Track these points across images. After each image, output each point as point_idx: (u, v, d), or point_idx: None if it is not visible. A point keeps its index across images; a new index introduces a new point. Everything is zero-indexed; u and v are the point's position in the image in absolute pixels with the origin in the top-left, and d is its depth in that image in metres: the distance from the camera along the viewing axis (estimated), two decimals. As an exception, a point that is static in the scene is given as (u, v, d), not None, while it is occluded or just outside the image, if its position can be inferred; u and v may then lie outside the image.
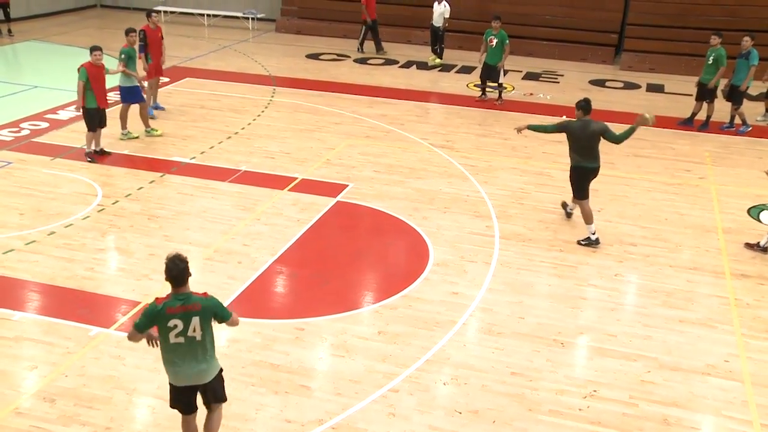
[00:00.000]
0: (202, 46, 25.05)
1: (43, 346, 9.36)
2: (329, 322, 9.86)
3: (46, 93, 19.39)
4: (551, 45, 24.03)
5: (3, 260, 11.35)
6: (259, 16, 28.36)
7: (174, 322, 6.68)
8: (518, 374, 8.88)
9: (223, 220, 12.66)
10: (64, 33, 26.41)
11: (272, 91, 20.02)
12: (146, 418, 8.18)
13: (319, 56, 23.99)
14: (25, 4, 27.61)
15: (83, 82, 14.64)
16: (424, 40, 25.13)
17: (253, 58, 23.65)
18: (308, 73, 21.90)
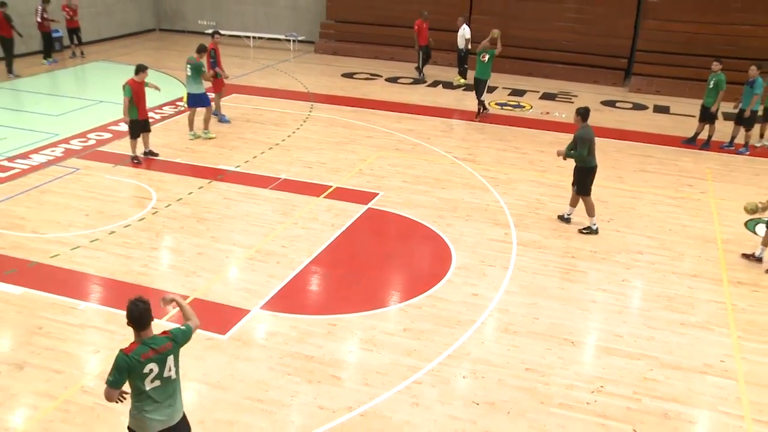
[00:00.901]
0: (247, 66, 25.19)
1: (104, 333, 9.50)
2: (359, 318, 9.89)
3: (110, 107, 19.54)
4: (566, 68, 23.93)
5: (71, 256, 11.51)
6: (299, 38, 28.47)
7: (150, 367, 6.00)
8: (532, 370, 8.87)
9: (264, 224, 12.73)
10: (127, 54, 26.66)
11: (310, 106, 20.08)
12: (193, 400, 8.23)
13: (353, 75, 24.05)
14: (96, 30, 27.92)
15: (128, 97, 14.94)
16: (449, 62, 25.13)
17: (294, 77, 23.74)
18: (343, 91, 21.95)
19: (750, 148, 17.04)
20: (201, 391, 8.39)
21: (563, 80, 23.67)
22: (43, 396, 8.32)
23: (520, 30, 24.46)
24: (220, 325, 9.64)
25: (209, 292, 10.49)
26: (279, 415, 8.00)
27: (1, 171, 14.90)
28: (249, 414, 8.02)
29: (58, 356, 9.00)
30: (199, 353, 9.04)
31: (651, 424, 8.00)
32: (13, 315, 9.91)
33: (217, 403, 8.22)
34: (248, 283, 10.76)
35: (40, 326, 9.64)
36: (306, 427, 7.82)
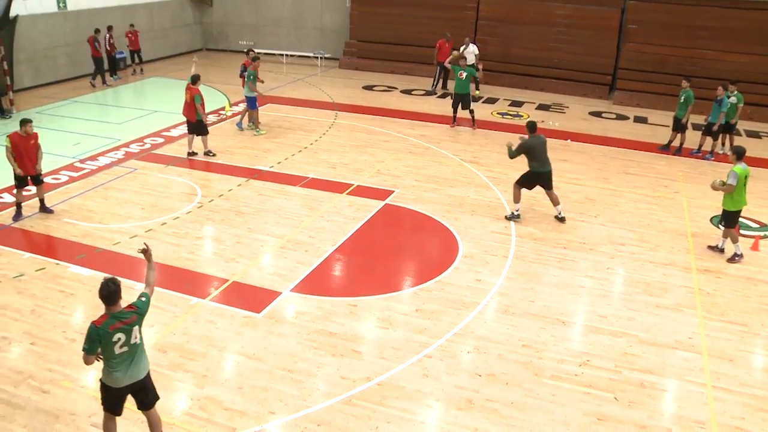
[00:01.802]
0: (280, 79, 25.14)
1: (157, 310, 9.49)
2: (377, 300, 9.86)
3: (163, 116, 19.60)
4: (559, 82, 23.74)
5: (129, 243, 11.54)
6: (326, 55, 28.39)
7: (117, 336, 6.24)
8: (527, 346, 8.83)
9: (293, 217, 12.70)
10: (178, 70, 26.68)
11: (335, 115, 20.02)
12: (233, 370, 8.27)
13: (372, 88, 23.95)
14: (153, 50, 27.99)
15: (199, 104, 15.47)
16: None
17: (321, 89, 23.67)
18: (364, 101, 21.85)
19: (715, 154, 16.91)
20: (239, 361, 8.41)
21: (556, 93, 23.48)
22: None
23: (518, 49, 24.39)
24: (255, 305, 9.66)
25: (246, 276, 10.49)
26: (306, 384, 8.01)
27: (75, 171, 14.98)
28: (281, 382, 8.03)
29: (119, 329, 9.04)
30: (238, 329, 9.07)
31: (630, 393, 7.99)
32: (84, 293, 9.98)
33: (253, 372, 8.23)
34: (280, 269, 10.74)
35: (105, 303, 9.67)
36: (330, 395, 7.83)
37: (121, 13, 26.18)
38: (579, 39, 24.04)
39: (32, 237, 11.91)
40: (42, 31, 23.12)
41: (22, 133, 12.09)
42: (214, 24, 31.25)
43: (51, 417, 7.44)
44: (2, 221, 12.39)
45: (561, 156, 16.45)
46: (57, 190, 13.82)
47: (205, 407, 7.61)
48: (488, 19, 25.36)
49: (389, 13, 26.75)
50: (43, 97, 21.92)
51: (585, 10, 24.00)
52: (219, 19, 31.06)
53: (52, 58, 23.74)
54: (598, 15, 23.89)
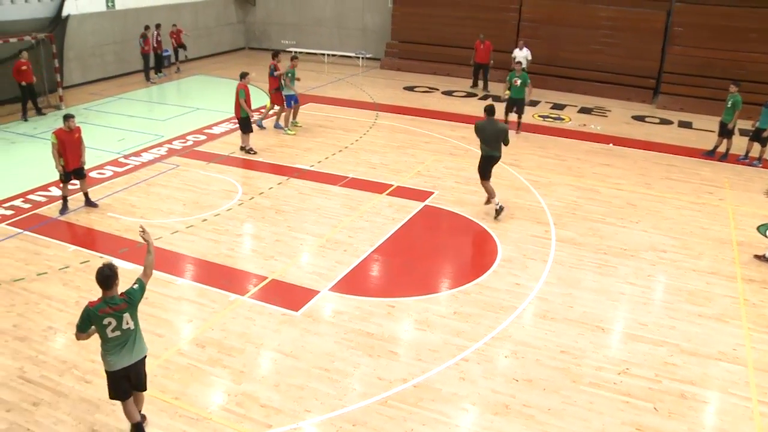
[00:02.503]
0: (322, 79, 25.22)
1: (196, 305, 9.64)
2: (414, 302, 9.82)
3: (205, 113, 19.83)
4: (601, 86, 23.39)
5: (170, 239, 11.69)
6: (367, 56, 28.41)
7: (108, 320, 6.48)
8: (566, 352, 8.71)
9: (333, 216, 12.72)
10: (220, 69, 26.98)
11: (375, 115, 20.01)
12: (269, 367, 8.31)
13: (413, 88, 23.88)
14: (197, 49, 28.33)
15: (243, 99, 15.66)
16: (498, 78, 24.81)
17: (362, 89, 23.70)
18: (405, 102, 21.80)
19: (763, 161, 16.47)
20: (277, 359, 8.44)
21: (598, 96, 23.14)
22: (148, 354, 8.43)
23: (560, 52, 24.10)
24: (294, 303, 9.69)
25: (285, 274, 10.53)
26: (343, 383, 8.00)
27: (119, 166, 15.23)
28: (317, 381, 8.04)
29: (160, 323, 9.18)
30: (276, 326, 9.11)
31: (670, 403, 7.81)
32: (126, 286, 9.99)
33: (290, 369, 8.26)
34: (319, 268, 10.76)
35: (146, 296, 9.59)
36: (366, 395, 7.81)
37: (167, 12, 26.54)
38: (623, 42, 23.67)
39: (77, 230, 12.14)
40: (91, 30, 23.61)
41: (65, 128, 12.31)
42: (257, 23, 31.52)
43: (92, 406, 7.56)
44: (50, 214, 12.65)
45: (603, 160, 16.23)
46: (101, 185, 14.05)
47: (241, 403, 7.65)
48: (531, 21, 25.14)
49: (431, 14, 26.67)
50: (90, 93, 22.35)
51: (630, 12, 23.62)
52: (262, 18, 31.32)
53: (100, 55, 24.20)
54: (643, 17, 23.49)
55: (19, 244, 11.50)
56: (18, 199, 13.31)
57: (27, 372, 8.18)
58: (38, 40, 20.04)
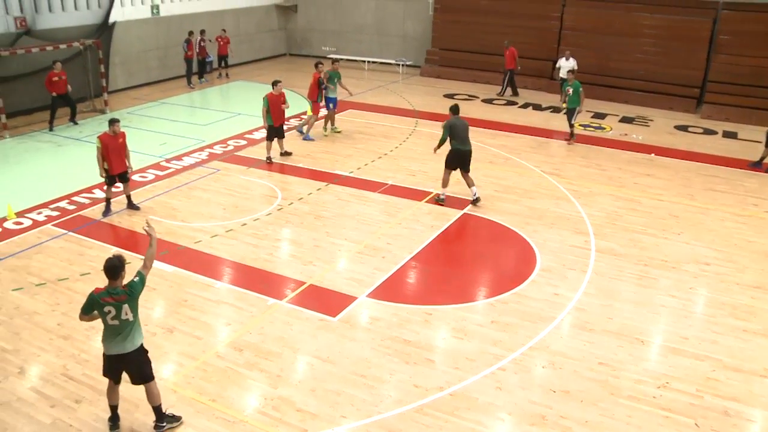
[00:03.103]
0: (362, 86, 25.32)
1: (235, 309, 9.74)
2: (452, 310, 9.79)
3: (246, 119, 20.05)
4: (643, 95, 23.11)
5: (210, 242, 11.84)
6: (408, 63, 28.48)
7: (108, 308, 6.80)
8: (604, 364, 8.58)
9: (372, 223, 12.75)
10: (262, 74, 27.28)
11: (415, 122, 20.01)
12: (306, 372, 8.34)
13: (453, 96, 23.82)
14: (238, 54, 28.70)
15: (265, 108, 15.62)
16: (538, 86, 24.73)
17: (402, 96, 23.74)
18: (444, 109, 21.34)
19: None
20: (314, 364, 8.48)
21: (640, 106, 22.84)
22: (187, 356, 8.61)
23: (602, 60, 23.85)
24: (331, 309, 9.72)
25: (323, 280, 10.59)
26: (379, 390, 8.00)
27: (161, 170, 15.49)
28: (353, 387, 8.06)
29: (199, 325, 9.30)
30: (313, 332, 9.15)
31: (712, 420, 7.63)
32: (166, 288, 10.28)
33: (326, 375, 8.29)
34: (357, 274, 10.79)
35: (185, 299, 9.97)
36: (401, 402, 7.80)
37: (210, 19, 26.96)
38: (666, 50, 23.35)
39: (119, 232, 12.37)
40: (136, 36, 24.12)
41: (110, 132, 12.55)
42: (298, 30, 31.83)
43: (132, 405, 7.67)
44: (93, 216, 12.91)
45: (644, 170, 16.01)
46: (143, 188, 14.31)
47: (278, 407, 7.70)
48: (572, 30, 24.96)
49: (472, 21, 26.66)
50: (134, 98, 22.80)
51: (674, 20, 23.30)
52: (303, 25, 31.62)
53: (144, 61, 24.69)
54: (688, 26, 23.16)
55: (64, 245, 11.76)
56: (64, 200, 13.61)
57: (70, 370, 8.36)
58: (86, 47, 20.51)
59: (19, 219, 12.74)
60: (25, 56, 18.95)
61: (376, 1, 29.35)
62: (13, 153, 16.99)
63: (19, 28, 19.90)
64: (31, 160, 16.39)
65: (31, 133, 18.43)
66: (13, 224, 12.54)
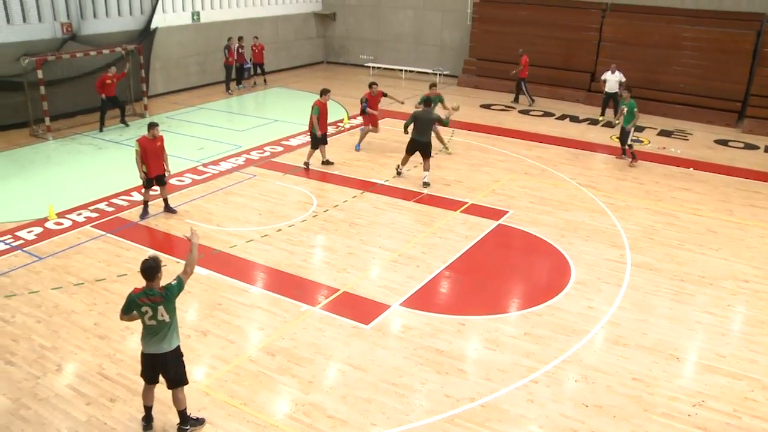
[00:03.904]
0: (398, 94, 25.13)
1: (268, 313, 9.83)
2: (485, 320, 9.75)
3: (282, 125, 20.24)
4: (683, 108, 22.78)
5: (245, 247, 11.97)
6: (445, 72, 28.49)
7: (145, 309, 6.97)
8: (638, 380, 8.48)
9: (406, 231, 12.77)
10: (299, 82, 27.54)
11: (451, 132, 20.00)
12: (338, 379, 8.38)
13: (490, 106, 23.78)
14: (276, 61, 29.05)
15: (315, 116, 15.66)
16: (576, 98, 24.55)
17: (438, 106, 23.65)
18: (481, 120, 21.72)
19: None
20: (345, 371, 8.51)
21: (679, 119, 22.54)
22: (219, 359, 8.71)
23: (641, 72, 23.53)
24: (364, 316, 9.76)
25: (357, 287, 10.62)
26: (410, 399, 8.01)
27: (198, 174, 15.71)
28: (384, 395, 8.07)
29: (232, 329, 9.40)
30: (345, 339, 9.19)
31: (751, 442, 7.50)
32: (200, 292, 10.41)
33: (358, 382, 8.31)
34: (390, 282, 10.81)
35: (219, 303, 10.09)
36: (432, 412, 7.79)
37: (249, 26, 27.28)
38: (708, 63, 23.00)
39: (156, 234, 12.56)
40: (176, 42, 24.53)
41: (149, 136, 12.76)
42: (336, 38, 32.04)
43: (165, 407, 7.76)
44: (131, 218, 13.13)
45: (682, 185, 15.79)
46: (180, 192, 14.51)
47: (308, 413, 7.74)
48: (611, 41, 24.73)
49: (510, 32, 26.57)
50: (173, 102, 23.16)
51: (716, 32, 22.93)
52: (341, 33, 31.83)
53: (184, 66, 25.09)
54: (730, 38, 22.78)
55: (102, 246, 11.98)
56: (102, 202, 13.87)
57: (105, 369, 8.51)
58: (128, 51, 20.90)
59: (60, 219, 13.02)
60: (69, 61, 19.38)
61: (414, 10, 29.44)
62: (55, 155, 17.37)
63: (65, 33, 20.41)
64: (73, 162, 16.73)
65: (73, 136, 18.83)
66: (54, 224, 12.82)
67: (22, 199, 14.24)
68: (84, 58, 19.65)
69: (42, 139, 18.61)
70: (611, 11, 25.09)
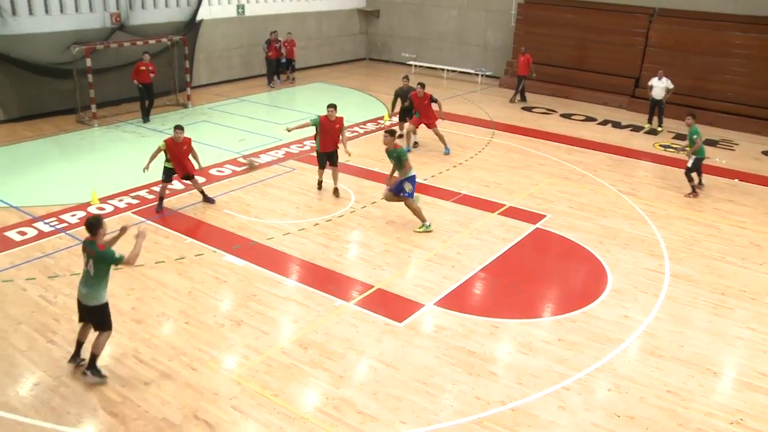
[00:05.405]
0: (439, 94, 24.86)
1: (302, 307, 9.90)
2: (519, 324, 9.69)
3: (323, 120, 20.29)
4: (729, 117, 22.25)
5: (282, 240, 12.07)
6: (487, 73, 28.34)
7: (84, 255, 7.90)
8: (673, 393, 8.34)
9: (443, 231, 12.74)
10: (341, 77, 27.65)
11: (492, 133, 19.90)
12: (369, 376, 8.40)
13: (531, 109, 23.60)
14: (319, 57, 29.28)
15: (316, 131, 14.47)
16: (619, 104, 24.24)
17: (479, 106, 23.62)
18: (522, 122, 21.57)
19: None
20: (376, 367, 8.54)
21: (725, 128, 22.06)
22: (252, 350, 8.81)
23: (686, 80, 23.03)
24: (398, 314, 9.77)
25: (391, 285, 10.64)
26: (440, 399, 8.00)
27: (238, 166, 15.89)
28: (415, 393, 8.07)
29: (266, 320, 9.49)
30: (378, 335, 9.21)
31: (790, 462, 7.33)
32: (236, 282, 10.53)
33: (389, 379, 8.32)
34: (425, 281, 10.80)
35: (254, 294, 10.19)
36: (462, 413, 7.77)
37: (293, 20, 27.50)
38: (758, 71, 22.44)
39: (194, 224, 12.72)
40: (220, 34, 24.83)
41: (175, 138, 12.90)
42: (379, 35, 32.09)
43: (197, 393, 7.90)
44: (171, 206, 13.32)
45: (726, 196, 15.48)
46: (220, 182, 14.69)
47: (338, 407, 7.78)
48: (657, 47, 24.32)
49: (554, 34, 26.34)
50: (215, 94, 23.43)
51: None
52: (384, 30, 31.86)
53: (227, 58, 25.38)
54: (782, 47, 22.28)
55: (141, 233, 12.17)
56: (144, 189, 14.09)
57: (141, 353, 8.66)
58: (173, 42, 21.21)
59: (102, 204, 13.28)
60: (116, 50, 19.74)
61: (458, 10, 29.33)
62: (99, 141, 17.71)
63: (113, 23, 20.80)
64: (116, 149, 17.04)
65: (117, 124, 19.17)
66: (96, 209, 13.07)
67: (67, 184, 14.57)
68: (130, 48, 19.99)
69: (88, 126, 19.01)
70: (659, 16, 24.73)
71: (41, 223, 12.43)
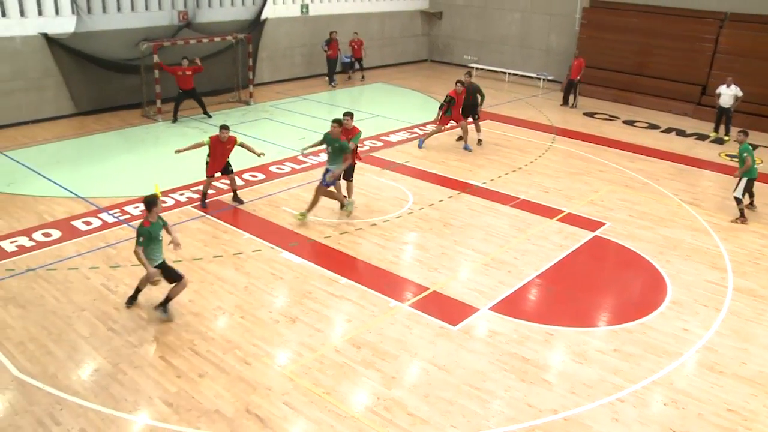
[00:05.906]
0: (500, 97, 25.12)
1: (356, 306, 9.94)
2: (574, 333, 9.55)
3: (383, 121, 20.38)
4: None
5: (339, 239, 12.16)
6: (549, 77, 27.98)
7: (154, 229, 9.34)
8: (734, 411, 8.08)
9: (500, 236, 12.64)
10: (402, 78, 27.69)
11: (552, 138, 19.66)
12: (421, 378, 8.39)
13: (593, 115, 23.19)
14: (381, 57, 29.39)
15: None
16: (683, 111, 23.63)
17: (540, 111, 23.35)
18: (583, 128, 21.22)
19: None
20: (429, 370, 8.53)
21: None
22: (306, 347, 8.90)
23: (758, 87, 22.21)
24: (452, 317, 9.73)
25: (446, 288, 10.61)
26: (492, 405, 7.94)
27: (297, 163, 16.06)
28: (466, 398, 8.04)
29: (320, 318, 9.57)
30: (432, 338, 9.20)
31: None
32: (292, 278, 10.66)
33: (441, 383, 8.30)
34: (480, 285, 10.74)
35: (310, 291, 10.29)
36: (513, 420, 7.70)
37: (356, 20, 27.66)
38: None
39: (253, 220, 12.91)
40: (284, 33, 25.16)
41: (220, 137, 13.07)
42: (441, 36, 32.02)
43: (249, 387, 8.02)
44: (230, 201, 13.55)
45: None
46: (279, 179, 14.89)
47: (389, 408, 7.79)
48: (727, 53, 23.60)
49: (619, 39, 25.83)
50: (277, 92, 23.75)
51: None
52: (446, 32, 31.78)
53: (290, 57, 25.70)
54: None
55: (200, 227, 12.43)
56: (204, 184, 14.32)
57: (197, 345, 8.84)
58: (238, 40, 21.60)
59: (164, 198, 13.57)
60: (182, 47, 20.16)
61: (521, 13, 29.06)
62: (163, 136, 18.15)
63: (181, 20, 21.29)
64: (177, 143, 17.25)
65: (181, 119, 19.58)
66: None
67: (131, 176, 14.97)
68: (196, 45, 20.44)
69: (152, 120, 19.51)
70: (729, 21, 24.01)
71: (105, 214, 12.81)
